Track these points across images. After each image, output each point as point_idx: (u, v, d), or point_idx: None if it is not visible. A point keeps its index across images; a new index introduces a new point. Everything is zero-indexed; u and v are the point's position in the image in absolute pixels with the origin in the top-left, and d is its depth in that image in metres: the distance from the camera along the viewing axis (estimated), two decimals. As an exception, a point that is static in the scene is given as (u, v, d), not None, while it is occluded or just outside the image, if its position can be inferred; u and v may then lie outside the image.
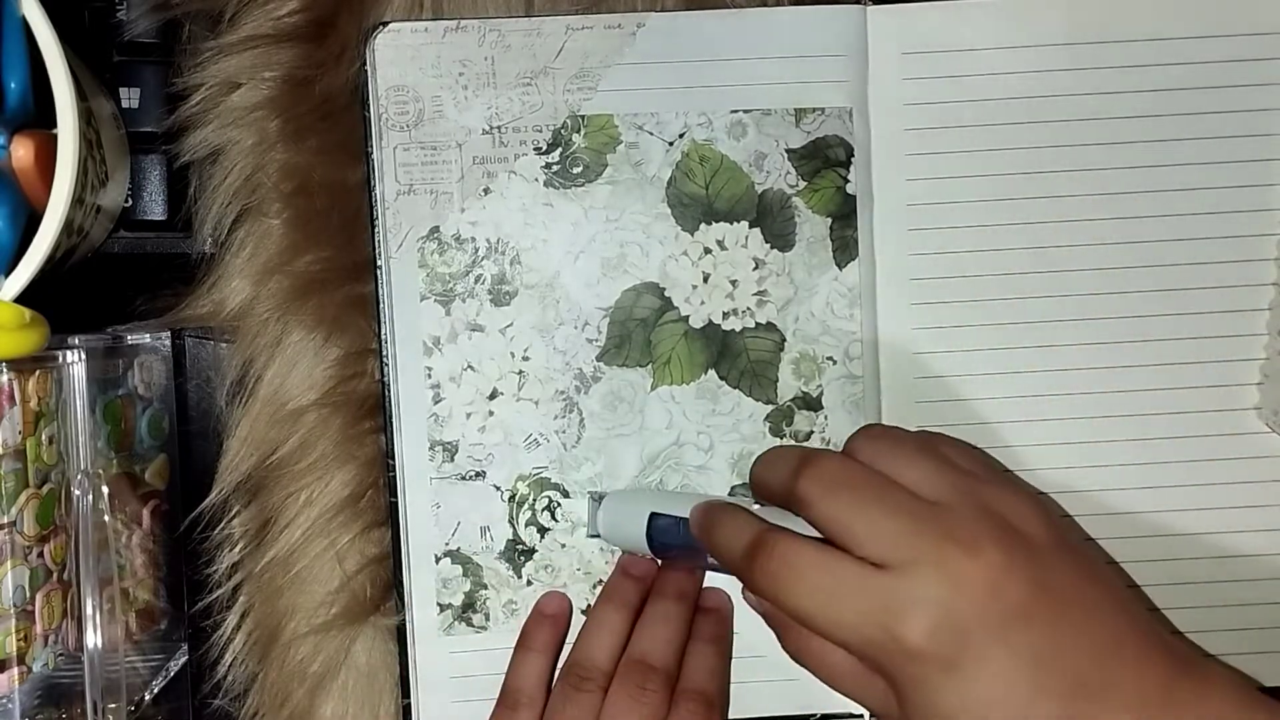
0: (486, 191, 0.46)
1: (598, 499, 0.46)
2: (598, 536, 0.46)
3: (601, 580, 0.46)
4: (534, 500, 0.46)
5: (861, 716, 0.46)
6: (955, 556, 0.35)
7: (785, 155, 0.46)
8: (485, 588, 0.46)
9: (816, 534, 0.38)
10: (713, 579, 0.46)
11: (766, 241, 0.46)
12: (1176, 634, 0.46)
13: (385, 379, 0.46)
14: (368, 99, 0.45)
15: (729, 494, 0.46)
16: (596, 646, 0.44)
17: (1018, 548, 0.36)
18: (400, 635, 0.46)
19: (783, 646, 0.41)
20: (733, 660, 0.46)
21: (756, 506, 0.41)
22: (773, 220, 0.46)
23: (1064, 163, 0.46)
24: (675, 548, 0.44)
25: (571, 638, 0.46)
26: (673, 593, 0.45)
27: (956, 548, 0.35)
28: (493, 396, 0.46)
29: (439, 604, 0.46)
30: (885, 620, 0.35)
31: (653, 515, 0.44)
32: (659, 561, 0.46)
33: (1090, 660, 0.35)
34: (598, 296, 0.46)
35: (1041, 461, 0.46)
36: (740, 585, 0.43)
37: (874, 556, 0.36)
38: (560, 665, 0.45)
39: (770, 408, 0.46)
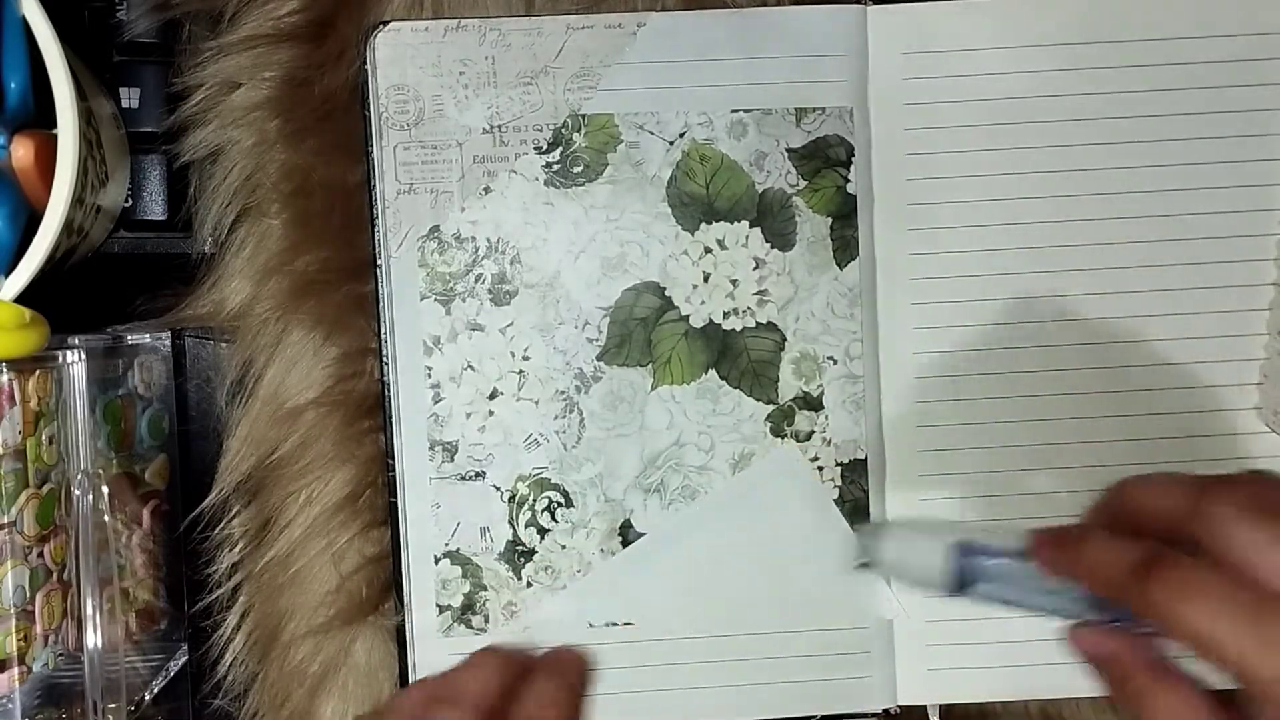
0: (487, 191, 0.46)
1: (874, 530, 0.41)
2: (866, 566, 0.40)
3: (602, 580, 0.46)
4: (534, 501, 0.46)
5: (865, 716, 0.46)
6: None
7: (786, 155, 0.46)
8: (485, 589, 0.46)
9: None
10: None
11: (767, 241, 0.46)
12: None
13: (385, 378, 0.45)
14: (368, 98, 0.45)
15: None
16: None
17: None
18: (400, 636, 0.46)
19: (1117, 695, 0.36)
20: (731, 662, 0.46)
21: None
22: (773, 220, 0.46)
23: (1064, 162, 0.46)
24: (984, 582, 0.38)
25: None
26: (489, 650, 0.39)
27: None
28: (493, 396, 0.46)
29: (438, 605, 0.46)
30: None
31: (961, 546, 0.38)
32: None
33: None
34: (598, 296, 0.46)
35: (1041, 462, 0.46)
36: (1052, 627, 0.37)
37: (1269, 588, 0.32)
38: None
39: (771, 407, 0.46)
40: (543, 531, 0.46)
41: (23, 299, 0.39)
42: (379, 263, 0.45)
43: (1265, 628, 0.32)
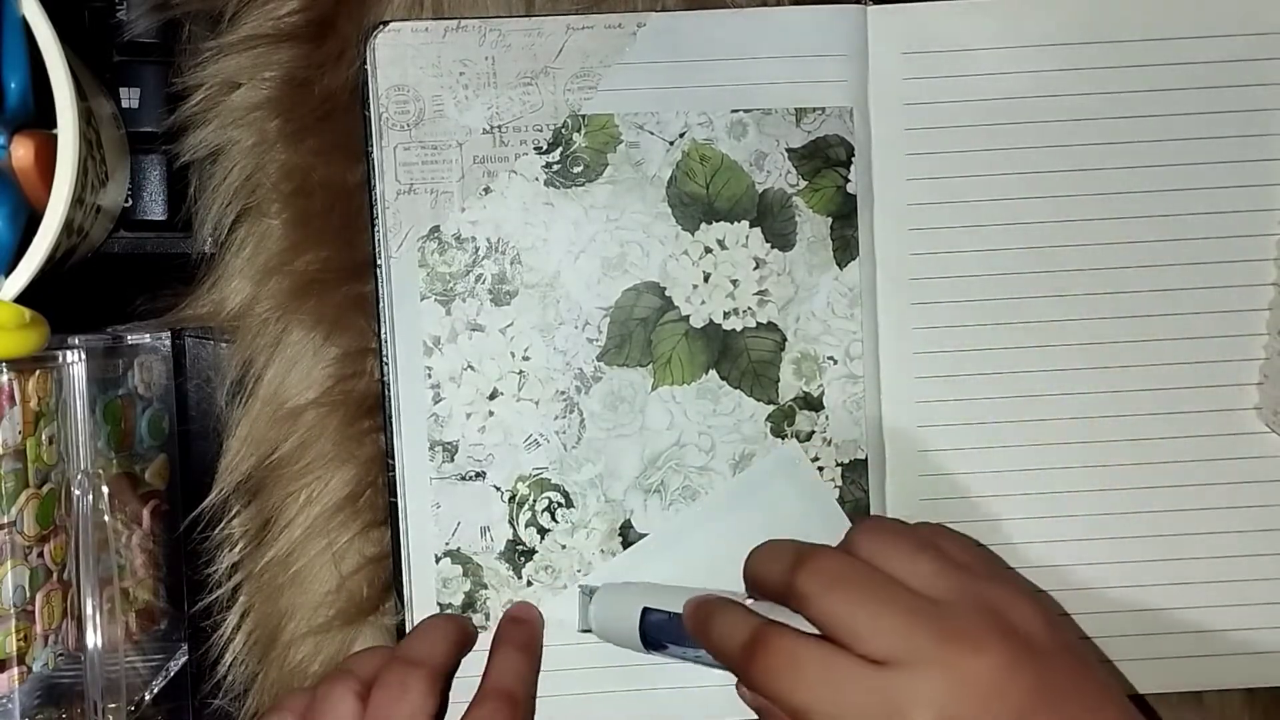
0: (487, 191, 0.46)
1: (589, 592, 0.45)
2: (588, 631, 0.45)
3: (602, 580, 0.46)
4: (534, 501, 0.46)
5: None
6: (958, 655, 0.35)
7: (786, 155, 0.46)
8: (485, 588, 0.46)
9: (813, 630, 0.38)
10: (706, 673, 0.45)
11: (767, 241, 0.46)
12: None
13: (385, 379, 0.45)
14: (368, 99, 0.45)
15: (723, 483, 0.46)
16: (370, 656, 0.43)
17: (1020, 648, 0.36)
18: (400, 635, 0.46)
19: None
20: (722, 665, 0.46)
21: (750, 601, 0.41)
22: (773, 220, 0.46)
23: (1064, 162, 0.46)
24: (669, 644, 0.43)
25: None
26: (442, 615, 0.46)
27: (960, 646, 0.35)
28: (493, 396, 0.46)
29: (439, 604, 0.46)
30: (888, 718, 0.35)
31: (645, 610, 0.43)
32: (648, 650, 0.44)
33: None
34: (598, 296, 0.46)
35: (1042, 462, 0.46)
36: (733, 679, 0.41)
37: (875, 653, 0.36)
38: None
39: (771, 408, 0.46)
40: (543, 531, 0.46)
41: (23, 299, 0.39)
42: (379, 263, 0.45)
43: (859, 692, 0.35)
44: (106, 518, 0.43)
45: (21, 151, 0.39)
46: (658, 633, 0.43)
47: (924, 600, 0.37)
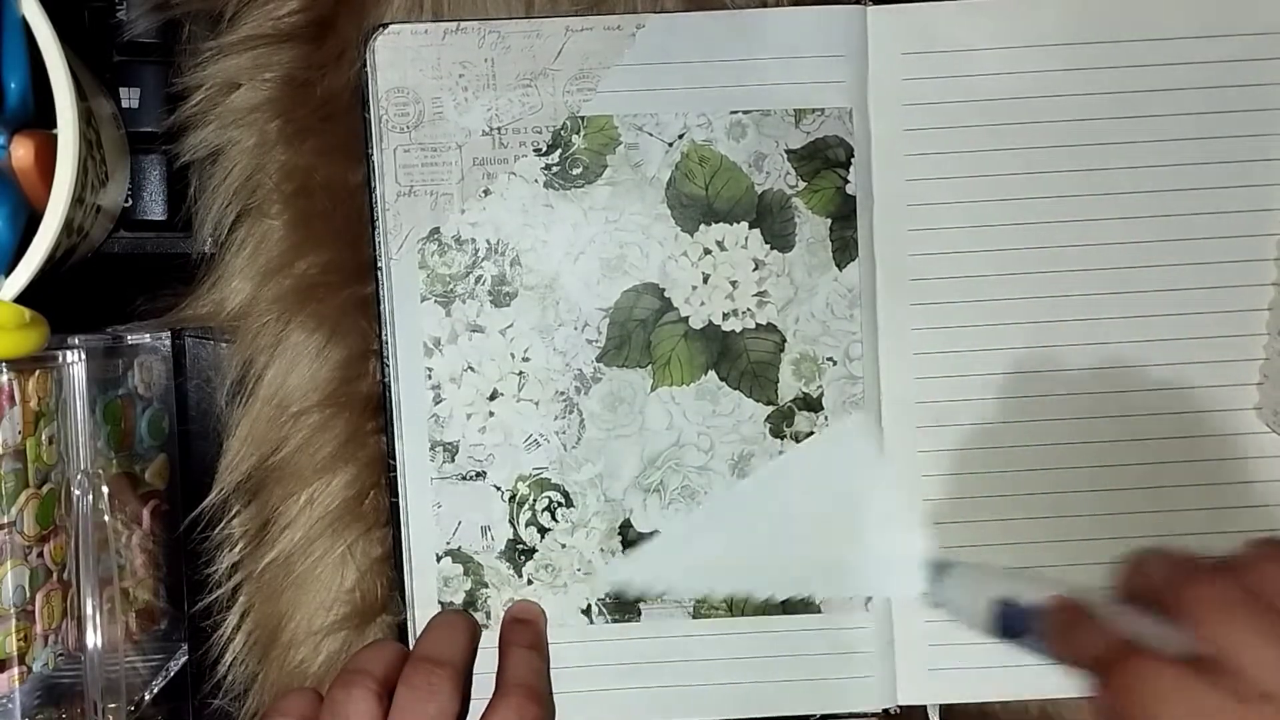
0: (486, 193, 0.46)
1: (939, 568, 0.44)
2: (938, 606, 0.45)
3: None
4: (534, 501, 0.46)
5: (865, 716, 0.46)
6: None
7: (785, 156, 0.46)
8: (486, 586, 0.46)
9: (1174, 650, 0.36)
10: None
11: (766, 242, 0.46)
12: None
13: (386, 380, 0.46)
14: (368, 100, 0.45)
15: (731, 486, 0.46)
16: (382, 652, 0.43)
17: None
18: (402, 635, 0.46)
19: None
20: (731, 661, 0.46)
21: (1114, 608, 0.39)
22: (772, 221, 0.46)
23: (1064, 163, 0.46)
24: (1020, 635, 0.41)
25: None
26: (452, 612, 0.45)
27: None
28: (493, 397, 0.46)
29: (440, 603, 0.46)
30: None
31: (1003, 601, 0.41)
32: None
33: None
34: (597, 297, 0.46)
35: (1042, 462, 0.46)
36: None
37: (1259, 688, 0.33)
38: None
39: (771, 408, 0.46)
40: (543, 531, 0.46)
41: (23, 299, 0.39)
42: (379, 265, 0.45)
43: None
44: (106, 518, 0.43)
45: (21, 151, 0.39)
46: (1013, 622, 0.41)
47: None
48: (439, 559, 0.46)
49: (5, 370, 0.39)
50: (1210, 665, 0.34)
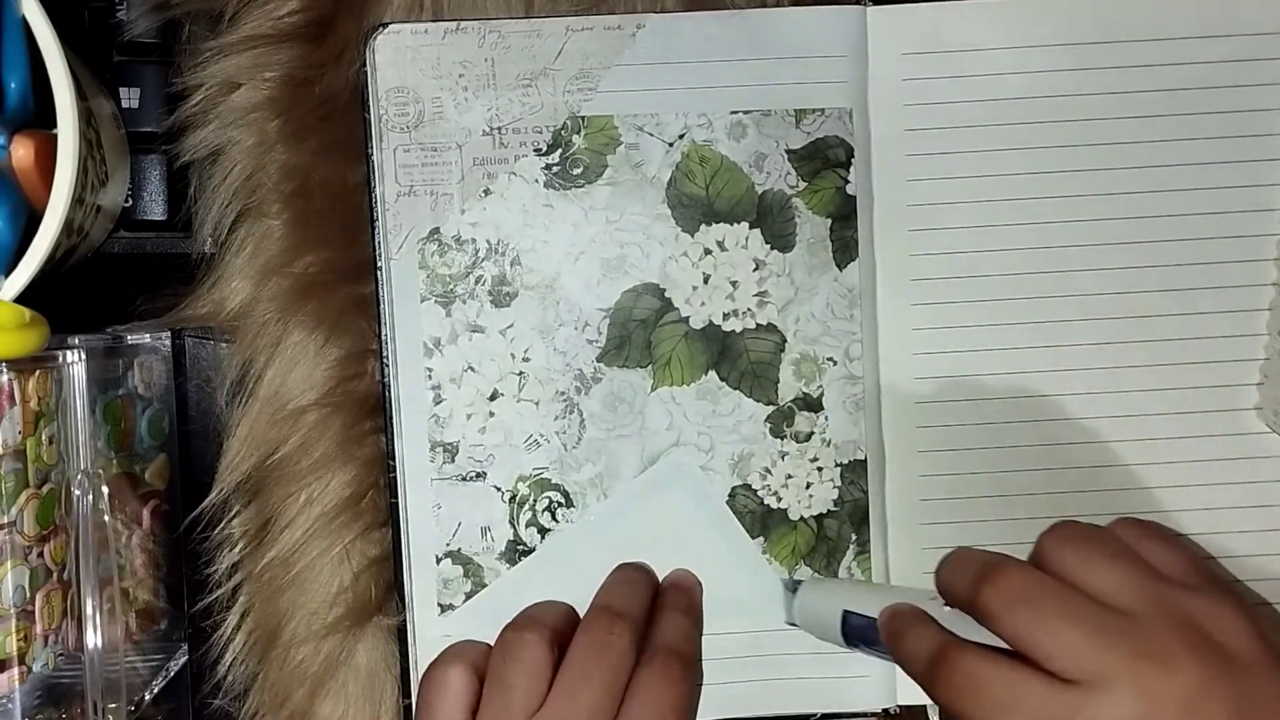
0: (487, 193, 0.46)
1: (792, 587, 0.46)
2: (794, 625, 0.46)
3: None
4: (534, 501, 0.46)
5: (865, 715, 0.46)
6: (1148, 673, 0.33)
7: (785, 156, 0.46)
8: (486, 588, 0.46)
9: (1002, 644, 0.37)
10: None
11: (767, 242, 0.46)
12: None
13: (385, 380, 0.46)
14: (368, 100, 0.45)
15: (730, 495, 0.46)
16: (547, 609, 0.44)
17: (1218, 664, 0.34)
18: (401, 636, 0.46)
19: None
20: (731, 661, 0.46)
21: (946, 610, 0.40)
22: (773, 221, 0.46)
23: (1064, 163, 0.46)
24: (868, 645, 0.43)
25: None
26: (634, 565, 0.45)
27: (1150, 664, 0.34)
28: (493, 397, 0.46)
29: (440, 604, 0.46)
30: None
31: (846, 613, 0.43)
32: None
33: None
34: (598, 297, 0.46)
35: (1042, 462, 0.46)
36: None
37: (1062, 672, 0.34)
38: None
39: (771, 409, 0.46)
40: (543, 531, 0.46)
41: (23, 299, 0.39)
42: (379, 264, 0.45)
43: (1045, 713, 0.34)
44: (106, 518, 0.43)
45: (21, 151, 0.39)
46: (858, 634, 0.43)
47: (1114, 615, 0.35)
48: (438, 560, 0.46)
49: (5, 370, 0.39)
50: (1024, 654, 0.35)
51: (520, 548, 0.46)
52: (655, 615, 0.44)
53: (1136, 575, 0.36)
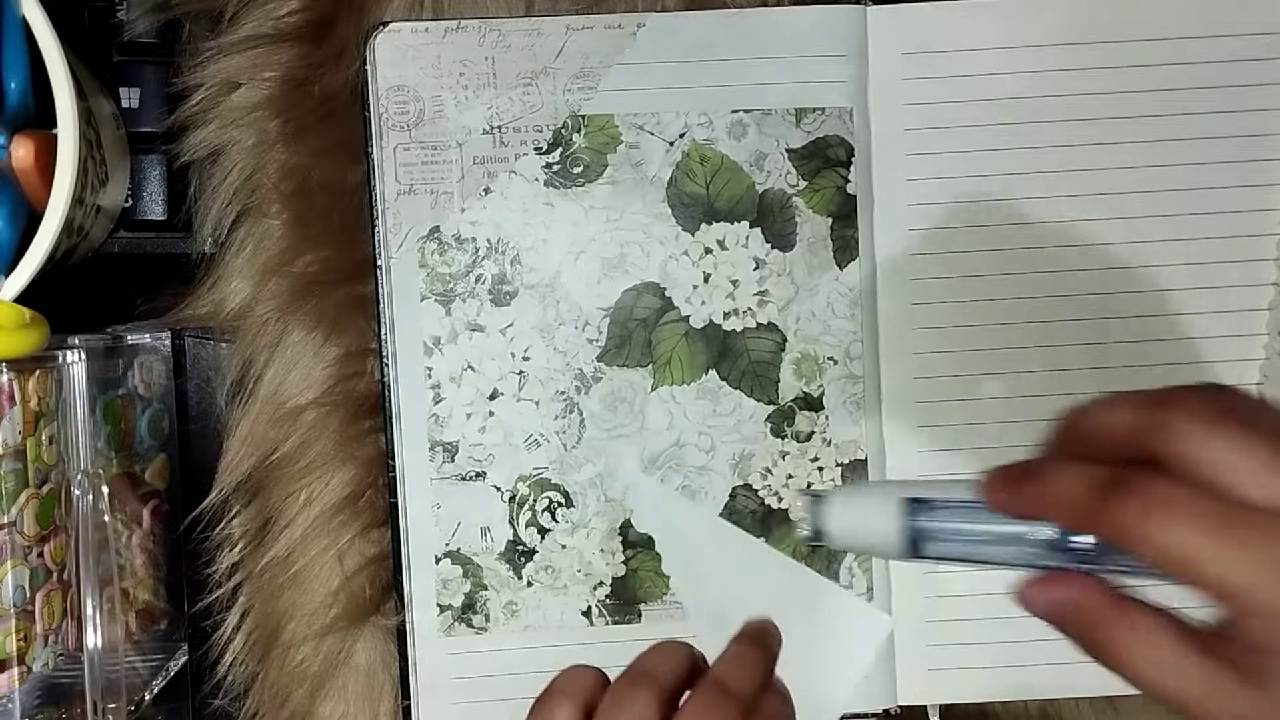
0: (487, 191, 0.46)
1: (816, 495, 0.37)
2: (816, 542, 0.37)
3: (602, 583, 0.46)
4: (534, 501, 0.46)
5: (864, 717, 0.46)
6: None
7: (786, 155, 0.46)
8: (485, 588, 0.46)
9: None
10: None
11: (767, 241, 0.46)
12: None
13: (385, 379, 0.45)
14: (368, 99, 0.45)
15: (730, 495, 0.46)
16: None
17: None
18: (400, 636, 0.46)
19: (1093, 654, 0.32)
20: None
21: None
22: (773, 220, 0.46)
23: (1063, 163, 0.46)
24: (942, 539, 0.34)
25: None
26: (758, 640, 0.38)
27: None
28: (493, 397, 0.46)
29: (439, 605, 0.46)
30: None
31: (912, 502, 0.34)
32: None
33: None
34: (598, 296, 0.46)
35: (1042, 461, 0.46)
36: (1012, 588, 0.33)
37: (1264, 499, 0.29)
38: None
39: (771, 408, 0.46)
40: (543, 531, 0.46)
41: (23, 299, 0.39)
42: (379, 263, 0.45)
43: (1239, 538, 0.29)
44: (106, 518, 0.43)
45: (21, 151, 0.39)
46: (930, 523, 0.34)
47: None
48: (438, 560, 0.46)
49: (5, 370, 0.39)
50: (1197, 480, 0.29)
51: (520, 548, 0.46)
52: (764, 693, 0.37)
53: None
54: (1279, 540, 0.28)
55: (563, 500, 0.46)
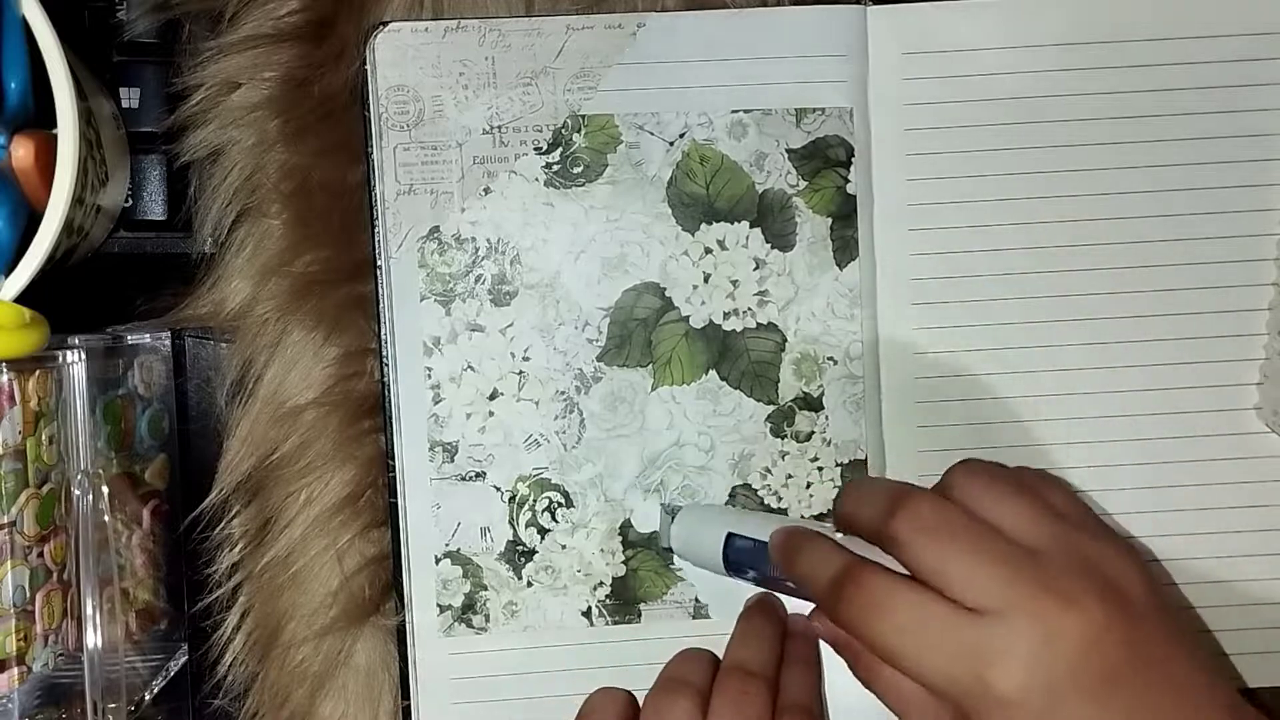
0: (487, 191, 0.46)
1: (670, 511, 0.46)
2: (669, 550, 0.46)
3: (602, 583, 0.46)
4: (534, 501, 0.46)
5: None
6: (1053, 610, 0.34)
7: (786, 155, 0.46)
8: (485, 589, 0.46)
9: (902, 570, 0.37)
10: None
11: (767, 241, 0.46)
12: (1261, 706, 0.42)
13: (385, 379, 0.45)
14: (368, 99, 0.45)
15: (730, 495, 0.46)
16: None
17: (1116, 606, 0.35)
18: (400, 636, 0.46)
19: (853, 671, 0.40)
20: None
21: (839, 536, 0.40)
22: (773, 220, 0.46)
23: (1064, 163, 0.46)
24: (751, 570, 0.43)
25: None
26: (763, 611, 0.45)
27: (1055, 600, 0.35)
28: (493, 397, 0.46)
29: (439, 605, 0.46)
30: (975, 666, 0.34)
31: (730, 535, 0.43)
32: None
33: None
34: (598, 296, 0.46)
35: (1042, 462, 0.46)
36: (809, 609, 0.42)
37: (968, 602, 0.35)
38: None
39: (771, 408, 0.46)
40: (543, 531, 0.46)
41: (23, 299, 0.39)
42: (379, 263, 0.45)
43: (933, 639, 0.35)
44: (106, 518, 0.43)
45: (21, 151, 0.39)
46: (741, 557, 0.43)
47: (1021, 550, 0.36)
48: (438, 561, 0.46)
49: (5, 370, 0.39)
50: (931, 584, 0.36)
51: (520, 548, 0.46)
52: (783, 666, 0.43)
53: (1042, 514, 0.37)
54: (962, 636, 0.35)
55: (563, 500, 0.46)
